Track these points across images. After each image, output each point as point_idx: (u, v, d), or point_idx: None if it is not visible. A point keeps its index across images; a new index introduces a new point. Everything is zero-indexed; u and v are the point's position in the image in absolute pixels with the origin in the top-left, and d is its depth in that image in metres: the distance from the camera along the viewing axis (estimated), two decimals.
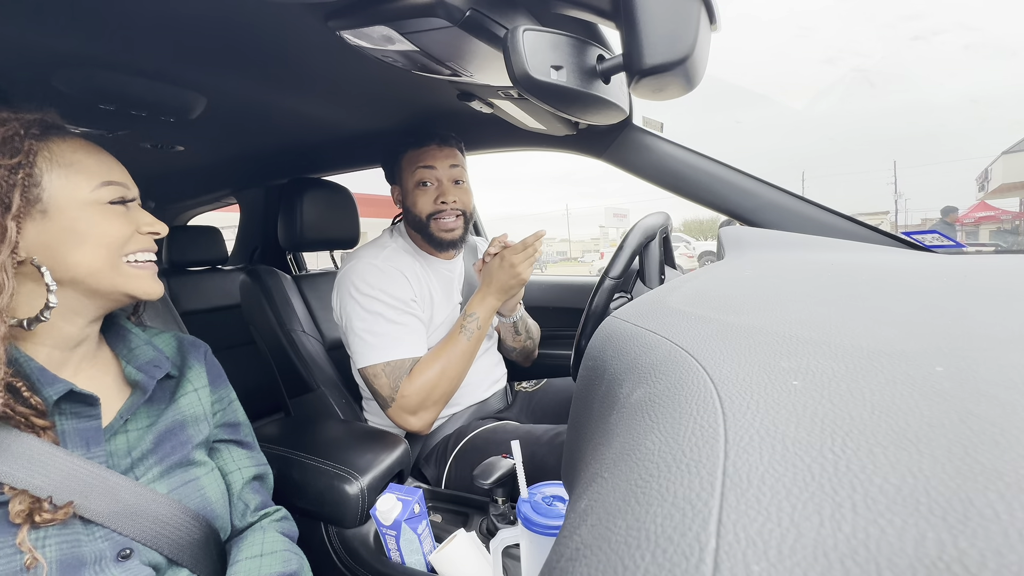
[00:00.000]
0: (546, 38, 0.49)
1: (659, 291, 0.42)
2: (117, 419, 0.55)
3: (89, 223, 0.52)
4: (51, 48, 0.68)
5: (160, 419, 0.58)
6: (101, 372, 0.58)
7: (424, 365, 0.96)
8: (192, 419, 0.62)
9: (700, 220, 44.09)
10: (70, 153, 0.52)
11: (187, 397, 0.62)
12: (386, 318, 0.96)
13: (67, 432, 0.51)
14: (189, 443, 0.60)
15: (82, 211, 0.52)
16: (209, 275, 1.75)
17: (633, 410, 0.23)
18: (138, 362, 0.60)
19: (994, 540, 0.11)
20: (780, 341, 0.24)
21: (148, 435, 0.57)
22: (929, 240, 0.82)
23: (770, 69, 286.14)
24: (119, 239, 0.54)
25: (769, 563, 0.12)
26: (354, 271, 1.00)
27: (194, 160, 1.43)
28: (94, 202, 0.53)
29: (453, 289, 1.11)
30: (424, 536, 0.73)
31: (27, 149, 0.49)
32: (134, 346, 0.61)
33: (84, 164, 0.53)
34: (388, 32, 0.57)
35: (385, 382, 0.94)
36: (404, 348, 0.95)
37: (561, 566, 0.18)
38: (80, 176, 0.52)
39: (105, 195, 0.53)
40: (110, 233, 0.53)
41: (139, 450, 0.55)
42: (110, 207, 0.54)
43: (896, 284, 0.39)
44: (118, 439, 0.55)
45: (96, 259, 0.52)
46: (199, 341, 0.69)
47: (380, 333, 0.95)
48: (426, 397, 0.94)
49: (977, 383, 0.18)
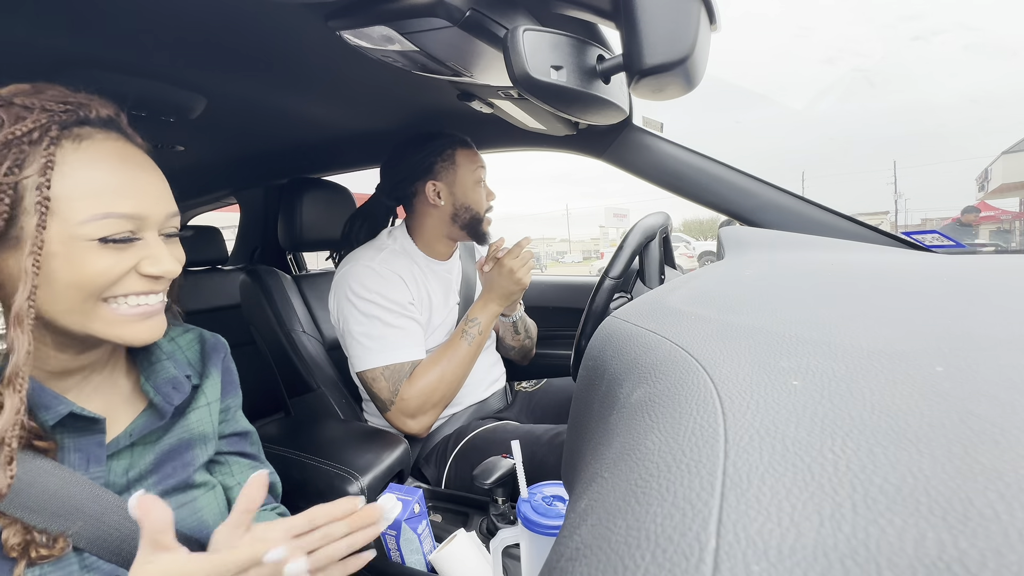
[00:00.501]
0: (546, 38, 0.49)
1: (659, 291, 0.42)
2: (124, 436, 0.50)
3: (60, 261, 0.42)
4: (52, 48, 0.68)
5: (166, 436, 0.53)
6: (112, 381, 0.52)
7: (424, 369, 0.96)
8: (200, 438, 0.57)
9: (700, 220, 44.11)
10: (81, 169, 0.42)
11: (198, 412, 0.57)
12: (384, 321, 0.96)
13: (67, 448, 0.47)
14: (191, 465, 0.55)
15: (63, 243, 0.41)
16: (209, 275, 1.75)
17: (633, 410, 0.23)
18: (157, 379, 0.53)
19: (994, 540, 0.11)
20: (780, 341, 0.24)
21: (150, 454, 0.52)
22: (929, 240, 0.82)
23: (770, 69, 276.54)
24: (99, 281, 0.43)
25: (769, 563, 0.12)
26: (351, 274, 0.99)
27: (194, 160, 1.43)
28: (81, 237, 0.42)
29: (451, 290, 1.11)
30: (424, 536, 0.73)
31: (47, 154, 0.41)
32: (155, 360, 0.55)
33: (90, 186, 0.42)
34: (388, 32, 0.57)
35: (384, 385, 0.94)
36: (403, 352, 0.95)
37: (561, 566, 0.18)
38: (74, 201, 0.42)
39: (96, 231, 0.42)
40: (86, 272, 0.42)
41: (137, 470, 0.51)
42: (98, 245, 0.43)
43: (896, 284, 0.39)
44: (121, 455, 0.50)
45: (63, 300, 0.43)
46: (220, 342, 0.63)
47: (378, 336, 0.95)
48: (425, 400, 0.94)
49: (977, 383, 0.18)
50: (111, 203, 0.43)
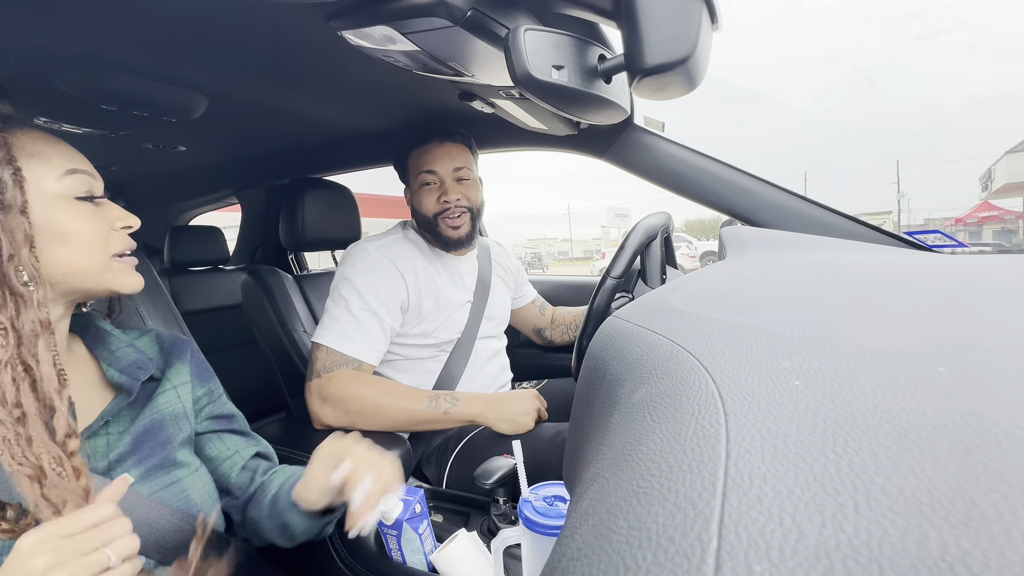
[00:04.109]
0: (547, 38, 0.49)
1: (660, 291, 0.42)
2: (98, 421, 0.53)
3: (62, 219, 0.50)
4: (54, 48, 0.69)
5: (137, 420, 0.57)
6: (76, 374, 0.55)
7: (375, 383, 0.94)
8: (171, 417, 0.59)
9: (702, 220, 44.07)
10: (31, 144, 0.50)
11: (165, 396, 0.60)
12: (348, 307, 0.95)
13: None
14: (169, 443, 0.58)
15: (52, 206, 0.49)
16: (210, 275, 1.75)
17: (634, 410, 0.23)
18: (120, 364, 0.58)
19: (997, 541, 0.11)
20: (782, 341, 0.24)
21: (127, 436, 0.55)
22: (931, 240, 0.82)
23: (772, 69, 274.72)
24: (97, 237, 0.52)
25: (771, 563, 0.12)
26: (349, 253, 1.02)
27: (196, 160, 1.44)
28: (61, 195, 0.50)
29: (463, 287, 1.10)
30: (425, 536, 0.73)
31: (3, 143, 0.47)
32: (115, 348, 0.59)
33: (46, 154, 0.50)
34: (389, 32, 0.58)
35: (321, 359, 0.93)
36: (352, 345, 0.94)
37: (563, 566, 0.18)
38: (44, 166, 0.50)
39: (72, 185, 0.51)
40: (88, 231, 0.51)
41: (116, 452, 0.54)
42: (78, 204, 0.51)
43: (898, 284, 0.39)
44: (97, 440, 0.53)
45: (81, 259, 0.51)
46: (183, 339, 0.67)
47: (337, 318, 0.95)
48: (347, 400, 0.92)
49: (979, 383, 0.18)
50: (69, 162, 0.52)
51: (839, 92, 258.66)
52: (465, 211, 1.03)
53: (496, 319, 1.16)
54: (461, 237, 1.04)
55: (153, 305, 0.82)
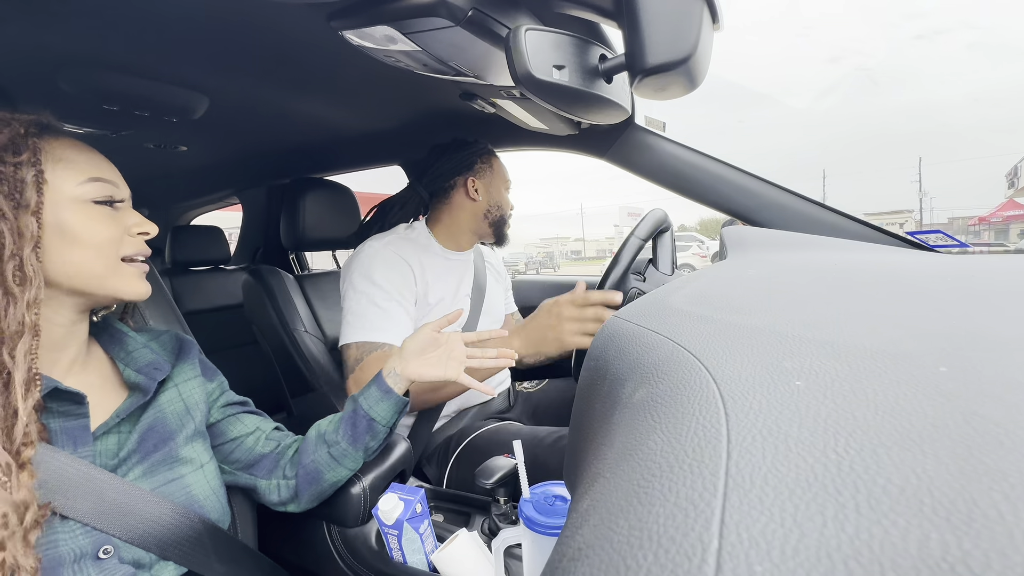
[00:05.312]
0: (548, 38, 0.49)
1: (662, 291, 0.42)
2: (113, 418, 0.55)
3: (76, 221, 0.51)
4: (56, 49, 0.69)
5: (143, 417, 0.58)
6: (93, 374, 0.57)
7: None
8: (173, 414, 0.61)
9: (717, 220, 43.88)
10: (60, 150, 0.52)
11: (166, 394, 0.62)
12: (371, 301, 0.96)
13: (55, 431, 0.51)
14: (172, 439, 0.59)
15: (68, 208, 0.51)
16: (211, 275, 1.76)
17: (635, 410, 0.23)
18: (137, 364, 0.59)
19: (998, 541, 0.11)
20: (783, 341, 0.24)
21: (135, 433, 0.57)
22: (933, 240, 0.82)
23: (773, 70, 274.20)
24: (110, 240, 0.53)
25: (772, 564, 0.12)
26: (358, 253, 1.03)
27: (197, 160, 1.44)
28: (79, 199, 0.52)
29: (464, 281, 1.13)
30: (426, 536, 0.73)
31: (32, 147, 0.49)
32: (131, 349, 0.61)
33: (73, 160, 0.53)
34: (390, 32, 0.58)
35: (353, 355, 0.94)
36: (380, 333, 0.94)
37: (563, 566, 0.18)
38: (68, 171, 0.52)
39: (91, 191, 0.53)
40: (100, 233, 0.53)
41: (126, 448, 0.55)
42: (96, 207, 0.53)
43: (900, 284, 0.39)
44: (110, 438, 0.55)
45: (89, 260, 0.52)
46: (189, 340, 0.69)
47: (361, 314, 0.96)
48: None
49: (981, 384, 0.17)
50: (94, 170, 0.54)
51: (841, 91, 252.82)
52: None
53: (493, 315, 1.18)
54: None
55: (155, 305, 0.82)
